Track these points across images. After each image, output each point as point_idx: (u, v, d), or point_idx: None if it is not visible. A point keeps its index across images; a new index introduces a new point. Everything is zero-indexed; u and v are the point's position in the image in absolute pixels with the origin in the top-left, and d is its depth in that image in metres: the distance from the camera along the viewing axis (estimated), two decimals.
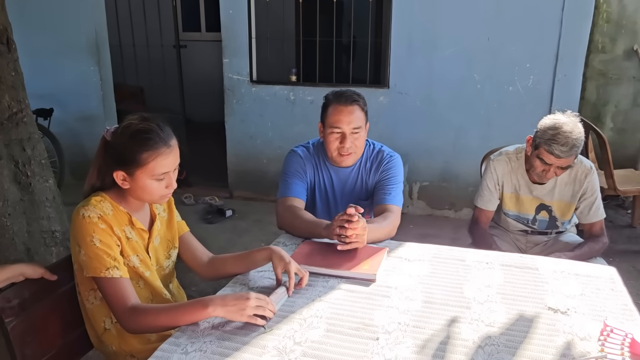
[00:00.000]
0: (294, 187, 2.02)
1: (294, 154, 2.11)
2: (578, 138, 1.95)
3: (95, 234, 1.36)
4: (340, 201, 2.11)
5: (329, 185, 2.11)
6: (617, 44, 4.41)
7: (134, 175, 1.40)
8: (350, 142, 1.95)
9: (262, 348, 1.23)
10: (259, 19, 4.40)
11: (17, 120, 2.21)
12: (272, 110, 4.39)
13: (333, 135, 1.97)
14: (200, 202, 4.50)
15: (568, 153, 1.95)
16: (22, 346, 1.37)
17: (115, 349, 1.50)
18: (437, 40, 3.93)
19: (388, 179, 2.04)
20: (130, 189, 1.44)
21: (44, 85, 4.55)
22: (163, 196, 1.47)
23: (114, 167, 1.42)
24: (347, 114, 1.93)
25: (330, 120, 1.96)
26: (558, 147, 1.94)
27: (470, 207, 4.01)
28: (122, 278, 1.38)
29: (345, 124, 1.93)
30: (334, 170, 2.09)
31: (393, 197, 2.00)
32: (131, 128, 1.40)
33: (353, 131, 1.95)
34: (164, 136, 1.41)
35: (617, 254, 3.47)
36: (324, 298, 1.46)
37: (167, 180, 1.44)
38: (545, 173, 2.05)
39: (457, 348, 1.22)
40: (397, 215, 1.95)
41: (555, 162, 1.99)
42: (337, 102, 1.96)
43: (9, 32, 2.21)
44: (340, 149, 1.97)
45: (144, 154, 1.38)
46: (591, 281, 1.55)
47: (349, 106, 1.94)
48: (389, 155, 2.09)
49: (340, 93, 1.99)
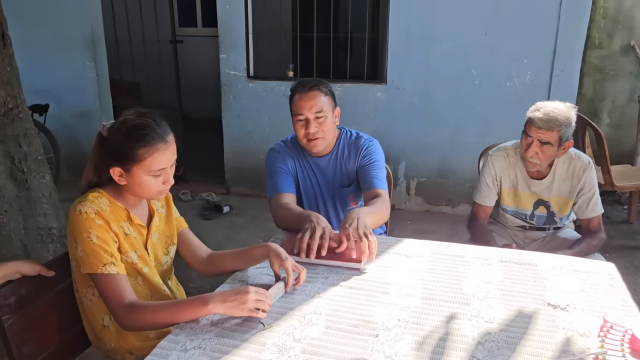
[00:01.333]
0: (280, 184, 2.03)
1: (272, 151, 2.13)
2: (560, 113, 2.01)
3: (92, 230, 1.35)
4: (324, 189, 2.14)
5: (311, 176, 2.13)
6: (614, 39, 4.41)
7: (131, 171, 1.39)
8: (315, 126, 1.96)
9: (261, 345, 1.22)
10: (255, 14, 4.38)
11: (13, 116, 2.19)
12: (269, 106, 4.37)
13: (299, 123, 1.99)
14: (198, 199, 4.49)
15: (547, 123, 1.99)
16: (20, 343, 1.37)
17: (114, 346, 1.49)
18: (434, 36, 3.92)
19: (372, 163, 2.06)
20: (126, 185, 1.42)
21: (40, 81, 4.52)
22: (160, 192, 1.45)
23: (110, 163, 1.40)
24: (308, 100, 1.95)
25: (294, 108, 1.99)
26: (538, 116, 2.01)
27: (467, 203, 4.02)
28: (119, 274, 1.37)
29: (307, 109, 1.95)
30: (312, 160, 2.11)
31: (381, 181, 2.03)
32: (127, 124, 1.38)
33: (317, 115, 1.96)
34: (161, 132, 1.40)
35: (614, 249, 3.49)
36: (323, 295, 1.45)
37: (164, 177, 1.43)
38: (527, 148, 2.07)
39: (457, 344, 1.22)
40: (386, 198, 1.99)
41: (536, 135, 2.02)
42: (297, 90, 1.99)
43: (5, 27, 2.19)
44: (306, 135, 1.98)
45: (140, 149, 1.36)
46: (590, 277, 1.55)
47: (309, 92, 1.96)
48: (367, 141, 2.11)
49: (301, 82, 2.02)
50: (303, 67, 4.49)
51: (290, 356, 1.18)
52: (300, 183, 2.14)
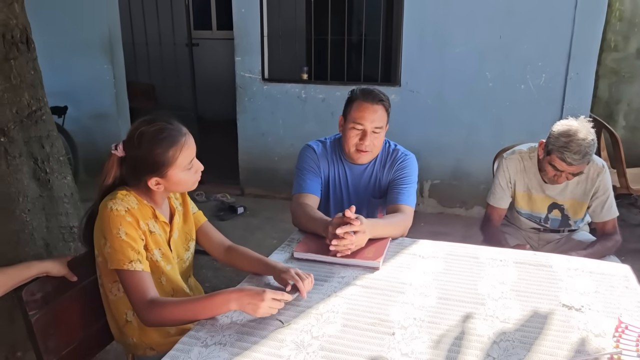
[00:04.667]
0: (307, 184, 2.04)
1: (308, 148, 2.12)
2: (590, 145, 1.95)
3: (122, 227, 1.39)
4: (354, 198, 2.12)
5: (343, 182, 2.12)
6: (630, 42, 4.39)
7: (167, 175, 1.45)
8: (370, 140, 1.96)
9: (280, 342, 1.25)
10: (270, 18, 4.42)
11: (36, 118, 2.24)
12: (284, 108, 4.41)
13: (354, 131, 1.97)
14: (212, 199, 4.54)
15: (580, 160, 1.96)
16: (45, 338, 1.41)
17: (136, 341, 1.53)
18: (448, 38, 3.94)
19: (401, 178, 2.04)
20: (165, 188, 1.48)
21: (58, 83, 4.59)
22: (195, 181, 1.54)
23: (142, 176, 1.45)
24: (372, 112, 1.94)
25: (354, 115, 1.96)
26: (570, 155, 1.94)
27: (481, 206, 4.02)
28: (144, 271, 1.41)
29: (368, 122, 1.94)
30: (348, 166, 2.11)
31: (406, 196, 2.00)
32: (147, 135, 1.42)
33: (374, 130, 1.96)
34: (177, 129, 1.46)
35: (630, 252, 3.46)
36: (339, 294, 1.48)
37: (195, 166, 1.51)
38: (557, 178, 2.06)
39: (472, 343, 1.24)
40: (408, 214, 1.94)
41: (567, 169, 2.00)
42: (363, 98, 1.97)
43: (29, 32, 2.24)
44: (358, 146, 1.98)
45: (169, 152, 1.42)
46: (605, 279, 1.56)
47: (375, 105, 1.95)
48: (403, 154, 2.09)
49: (368, 90, 1.99)
50: (317, 70, 4.52)
51: (309, 353, 1.21)
52: (331, 188, 2.13)
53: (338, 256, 1.66)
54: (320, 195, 2.07)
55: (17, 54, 2.17)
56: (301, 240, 1.82)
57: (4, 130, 2.09)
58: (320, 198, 2.08)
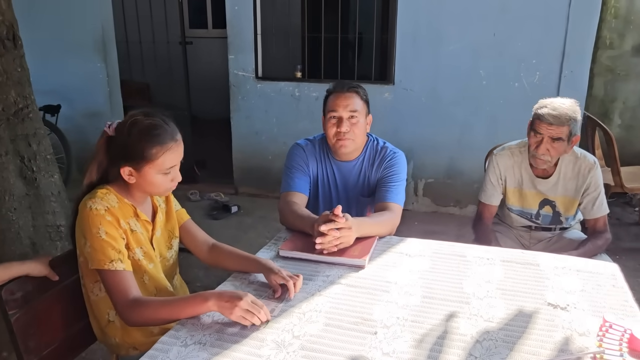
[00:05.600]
0: (295, 182, 2.03)
1: (297, 147, 2.12)
2: (569, 108, 2.02)
3: (101, 226, 1.37)
4: (343, 196, 2.11)
5: (331, 180, 2.11)
6: (625, 39, 4.37)
7: (142, 170, 1.42)
8: (347, 126, 1.96)
9: (260, 341, 1.23)
10: (264, 15, 4.40)
11: (23, 115, 2.23)
12: (277, 107, 4.39)
13: (331, 121, 1.98)
14: (206, 198, 4.52)
15: (558, 119, 1.98)
16: (26, 338, 1.39)
17: (118, 340, 1.51)
18: (442, 36, 3.92)
19: (390, 175, 2.02)
20: (136, 183, 1.45)
21: (52, 81, 4.59)
22: (168, 189, 1.50)
23: (119, 162, 1.43)
24: (344, 99, 1.96)
25: (328, 106, 2.00)
26: (549, 112, 2.00)
27: (475, 204, 3.96)
28: (125, 271, 1.39)
29: (342, 108, 1.96)
30: (336, 165, 2.09)
31: (394, 194, 1.98)
32: (139, 124, 1.41)
33: (350, 115, 1.96)
34: (171, 131, 1.44)
35: (624, 251, 3.46)
36: (323, 292, 1.46)
37: (173, 174, 1.47)
38: (538, 147, 2.05)
39: (455, 343, 1.22)
40: (396, 213, 1.93)
41: (546, 132, 2.01)
42: (334, 90, 2.01)
43: (15, 29, 2.23)
44: (337, 135, 1.98)
45: (153, 149, 1.40)
46: (592, 277, 1.55)
47: (346, 92, 1.98)
48: (392, 152, 2.08)
49: (339, 82, 2.04)
50: (311, 68, 4.50)
51: (289, 352, 1.19)
52: (319, 186, 2.12)
53: (324, 254, 1.64)
54: (308, 193, 2.06)
55: (4, 50, 2.16)
56: (287, 238, 1.81)
57: None
58: (308, 197, 2.06)
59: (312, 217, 1.79)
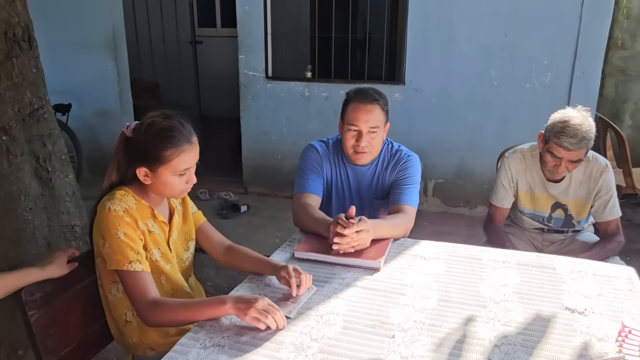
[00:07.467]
0: (309, 184, 2.03)
1: (311, 148, 2.11)
2: (587, 130, 1.95)
3: (120, 227, 1.39)
4: (356, 198, 2.11)
5: (345, 183, 2.11)
6: (637, 40, 4.34)
7: (157, 171, 1.43)
8: (366, 141, 1.95)
9: (279, 344, 1.24)
10: (274, 15, 4.41)
11: (38, 116, 2.24)
12: (287, 107, 4.40)
13: (350, 133, 1.96)
14: (215, 198, 4.54)
15: (577, 145, 1.94)
16: (45, 338, 1.40)
17: (135, 341, 1.52)
18: (453, 37, 3.91)
19: (404, 178, 2.02)
20: (151, 185, 1.47)
21: (62, 81, 4.61)
22: (183, 191, 1.51)
23: (136, 163, 1.45)
24: (366, 113, 1.93)
25: (349, 117, 1.96)
26: (567, 139, 1.94)
27: (485, 205, 3.99)
28: (144, 272, 1.40)
29: (363, 122, 1.93)
30: (351, 167, 2.09)
31: (408, 197, 1.98)
32: (155, 126, 1.43)
33: (370, 130, 1.94)
34: (186, 133, 1.44)
35: (635, 253, 3.44)
36: (340, 295, 1.47)
37: (188, 176, 1.48)
38: (556, 168, 2.04)
39: (473, 347, 1.22)
40: (410, 215, 1.93)
41: (565, 156, 1.98)
42: (357, 99, 1.95)
43: (30, 30, 2.24)
44: (355, 147, 1.97)
45: (167, 151, 1.41)
46: (609, 281, 1.54)
47: (369, 105, 1.93)
48: (406, 155, 2.07)
49: (362, 91, 1.97)
50: (321, 68, 4.50)
51: (308, 355, 1.20)
52: (333, 189, 2.12)
53: (340, 254, 1.65)
54: (322, 195, 2.06)
55: (19, 52, 2.17)
56: (302, 240, 1.81)
57: (5, 129, 2.09)
58: (322, 198, 2.06)
59: (327, 220, 1.79)
